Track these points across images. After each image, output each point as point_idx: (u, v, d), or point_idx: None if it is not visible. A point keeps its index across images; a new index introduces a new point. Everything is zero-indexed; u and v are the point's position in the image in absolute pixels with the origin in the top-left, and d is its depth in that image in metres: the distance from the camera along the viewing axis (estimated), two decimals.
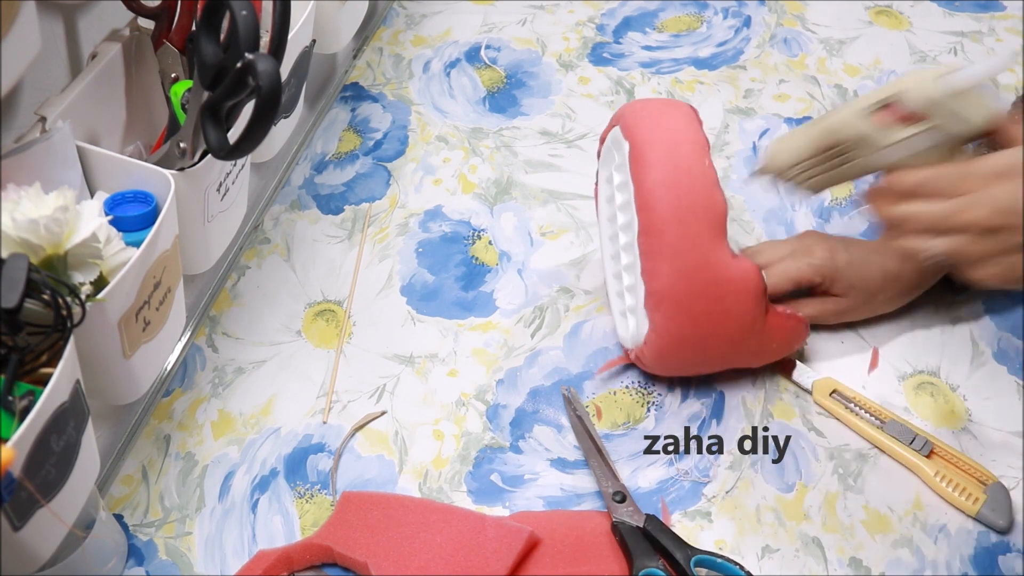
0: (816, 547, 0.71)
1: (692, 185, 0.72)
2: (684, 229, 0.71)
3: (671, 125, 0.75)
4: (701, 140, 0.74)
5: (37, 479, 0.53)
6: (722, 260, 0.72)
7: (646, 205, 0.73)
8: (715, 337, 0.74)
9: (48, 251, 0.57)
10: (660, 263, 0.72)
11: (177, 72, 0.71)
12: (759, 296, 0.73)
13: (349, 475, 0.75)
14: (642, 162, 0.73)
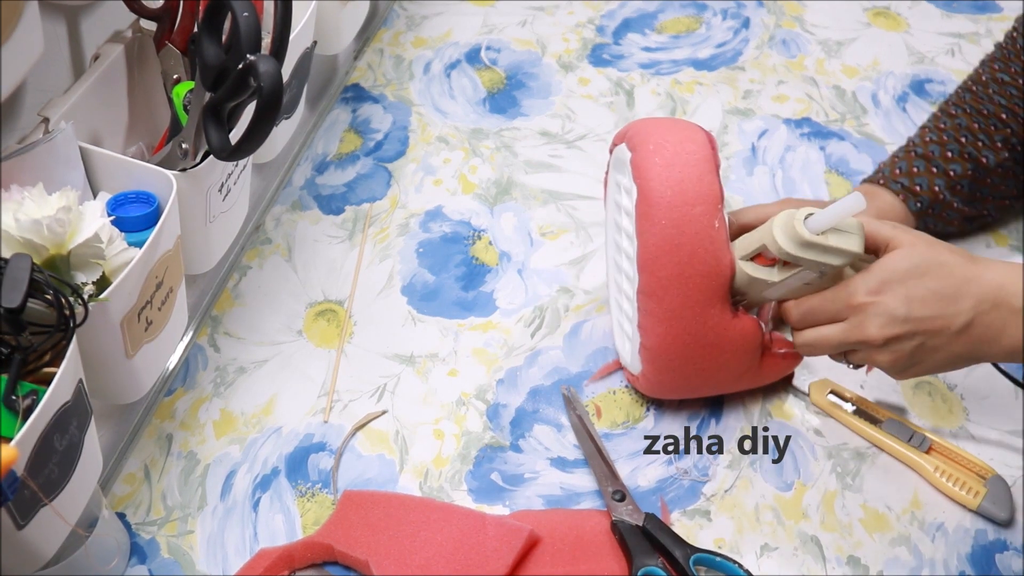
0: (815, 545, 0.71)
1: (696, 250, 0.69)
2: (684, 295, 0.69)
3: (683, 173, 0.69)
4: (714, 193, 0.69)
5: (40, 478, 0.53)
6: (721, 323, 0.71)
7: (646, 267, 0.70)
8: (708, 387, 0.77)
9: (51, 251, 0.57)
10: (656, 324, 0.71)
11: (179, 73, 0.72)
12: (756, 349, 0.74)
13: (350, 474, 0.75)
14: (649, 218, 0.70)
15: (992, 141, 0.85)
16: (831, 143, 1.01)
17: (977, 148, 0.85)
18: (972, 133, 0.86)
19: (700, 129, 0.74)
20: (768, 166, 0.99)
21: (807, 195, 0.96)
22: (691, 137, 0.72)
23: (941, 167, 0.85)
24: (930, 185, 0.85)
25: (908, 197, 0.85)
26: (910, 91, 1.06)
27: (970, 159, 0.85)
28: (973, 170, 0.85)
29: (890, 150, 1.00)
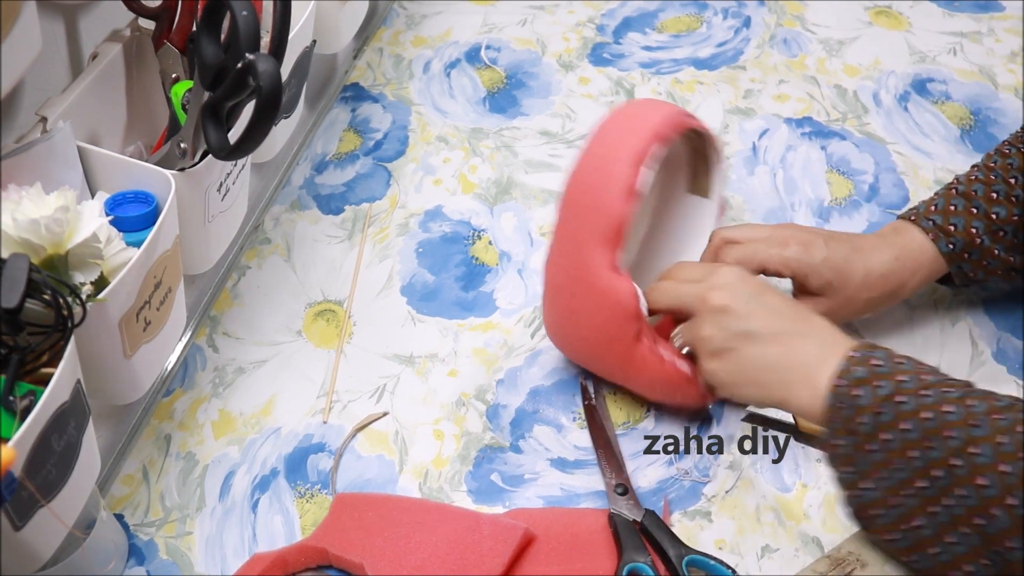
0: (816, 547, 0.71)
1: (597, 186, 0.70)
2: (575, 226, 0.71)
3: (626, 124, 0.72)
4: (640, 147, 0.70)
5: (38, 479, 0.53)
6: (598, 269, 0.70)
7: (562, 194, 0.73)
8: (581, 340, 0.75)
9: (49, 251, 0.57)
10: (551, 250, 0.74)
11: (178, 72, 0.71)
12: (628, 318, 0.71)
13: (349, 475, 0.75)
14: (584, 148, 0.73)
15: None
16: (832, 142, 1.01)
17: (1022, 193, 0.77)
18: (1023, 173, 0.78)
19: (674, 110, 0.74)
20: (769, 166, 0.99)
21: (808, 195, 0.96)
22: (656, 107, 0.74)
23: (982, 208, 0.77)
24: (966, 226, 0.77)
25: (939, 237, 0.77)
26: (912, 90, 1.06)
27: (1018, 202, 0.77)
28: (1020, 215, 0.77)
29: (892, 149, 1.00)
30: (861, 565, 0.65)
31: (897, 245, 0.78)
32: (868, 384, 0.62)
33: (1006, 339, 0.84)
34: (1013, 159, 0.78)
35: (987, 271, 0.79)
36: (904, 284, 0.78)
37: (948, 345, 0.83)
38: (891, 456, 0.60)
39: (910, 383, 0.61)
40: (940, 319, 0.85)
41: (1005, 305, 0.86)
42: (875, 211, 0.94)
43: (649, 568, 0.67)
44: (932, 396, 0.60)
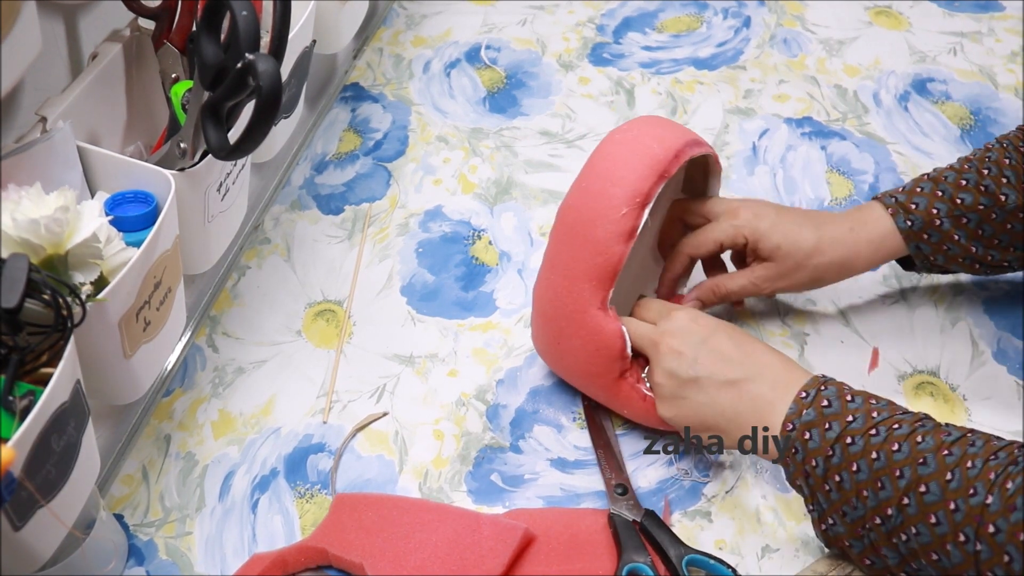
0: (816, 547, 0.71)
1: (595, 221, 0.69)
2: (568, 258, 0.71)
3: (630, 156, 0.70)
4: (644, 187, 0.69)
5: (37, 479, 0.53)
6: (586, 307, 0.70)
7: (558, 219, 0.73)
8: (568, 367, 0.76)
9: (49, 251, 0.57)
10: (542, 274, 0.74)
11: (178, 72, 0.71)
12: (613, 358, 0.72)
13: (349, 475, 0.75)
14: (582, 173, 0.72)
15: (1019, 181, 0.76)
16: (832, 142, 1.01)
17: (998, 183, 0.76)
18: (999, 167, 0.77)
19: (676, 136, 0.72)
20: (769, 166, 0.99)
21: (808, 195, 0.96)
22: (659, 135, 0.72)
23: (948, 192, 0.77)
24: (928, 206, 0.77)
25: (899, 213, 0.77)
26: (912, 90, 1.06)
27: (986, 192, 0.76)
28: (987, 206, 0.76)
29: (892, 149, 1.00)
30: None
31: (853, 217, 0.79)
32: (817, 427, 0.63)
33: (1006, 339, 0.84)
34: (992, 152, 0.78)
35: (947, 256, 0.78)
36: (857, 255, 0.78)
37: (948, 345, 0.83)
38: (846, 495, 0.62)
39: (858, 422, 0.62)
40: (940, 319, 0.85)
41: (1005, 305, 0.86)
42: None
43: (649, 568, 0.67)
44: (879, 435, 0.61)
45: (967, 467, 0.57)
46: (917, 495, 0.58)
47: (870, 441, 0.60)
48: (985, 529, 0.55)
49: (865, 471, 0.60)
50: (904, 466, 0.59)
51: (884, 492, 0.59)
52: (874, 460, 0.60)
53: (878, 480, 0.60)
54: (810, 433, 0.63)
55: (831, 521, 0.63)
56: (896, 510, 0.59)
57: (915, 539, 0.58)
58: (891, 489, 0.59)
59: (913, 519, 0.58)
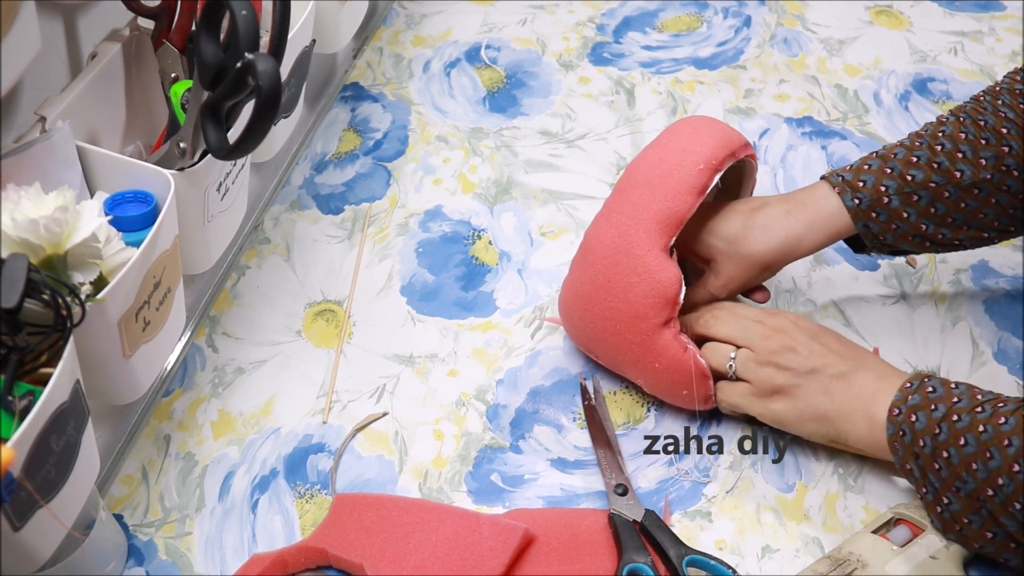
0: (816, 547, 0.71)
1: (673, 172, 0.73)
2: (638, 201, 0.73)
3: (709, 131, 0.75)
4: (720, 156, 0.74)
5: (37, 479, 0.53)
6: (649, 247, 0.72)
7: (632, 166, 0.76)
8: (605, 312, 0.73)
9: (48, 251, 0.57)
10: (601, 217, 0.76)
11: (177, 72, 0.71)
12: (666, 302, 0.72)
13: (349, 475, 0.75)
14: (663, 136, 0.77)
15: (976, 156, 0.73)
16: (833, 142, 1.01)
17: (952, 159, 0.74)
18: (953, 142, 0.74)
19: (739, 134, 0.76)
20: (770, 165, 0.98)
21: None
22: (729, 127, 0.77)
23: (898, 169, 0.75)
24: (876, 184, 0.75)
25: (845, 191, 0.75)
26: (912, 90, 1.06)
27: (939, 169, 0.74)
28: (940, 183, 0.74)
29: None
30: (862, 565, 0.65)
31: (794, 199, 0.77)
32: (923, 409, 0.65)
33: (1007, 339, 0.84)
34: (947, 127, 0.76)
35: (896, 235, 0.76)
36: (797, 238, 0.76)
37: (949, 345, 0.83)
38: (956, 471, 0.63)
39: (963, 402, 0.64)
40: (941, 319, 0.85)
41: (1006, 305, 0.86)
42: None
43: (649, 568, 0.67)
44: (985, 411, 0.63)
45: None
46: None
47: (976, 417, 0.63)
48: None
49: (973, 444, 0.62)
50: (1012, 435, 0.61)
51: (994, 462, 0.61)
52: (981, 433, 0.62)
53: (987, 451, 0.61)
54: (916, 415, 0.65)
55: (946, 500, 0.64)
56: (1007, 478, 0.60)
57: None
58: (1000, 458, 0.61)
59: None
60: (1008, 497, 0.61)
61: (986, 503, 0.62)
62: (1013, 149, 0.73)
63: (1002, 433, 0.61)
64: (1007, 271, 0.89)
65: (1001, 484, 0.61)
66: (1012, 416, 0.62)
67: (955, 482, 0.63)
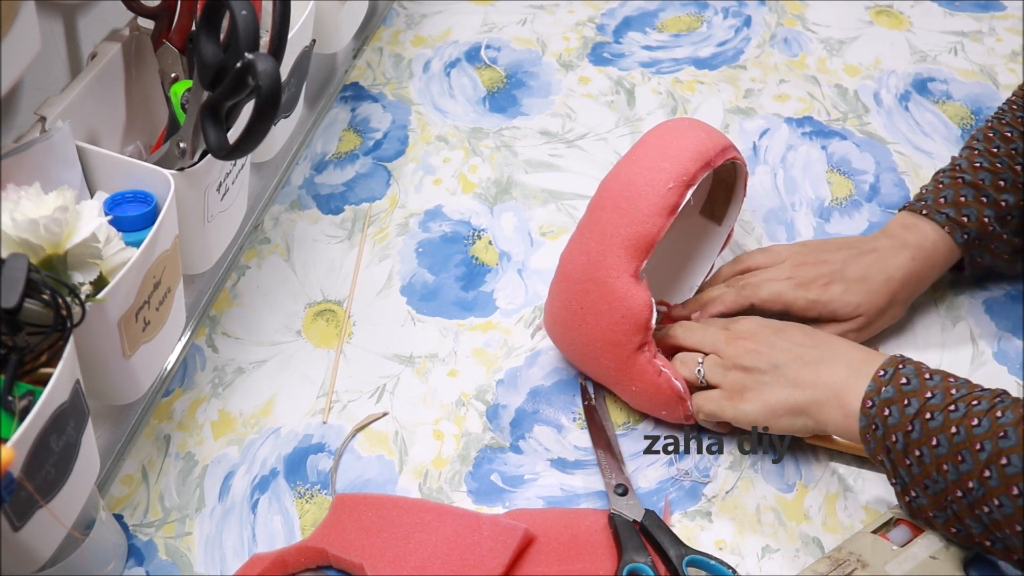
0: (816, 547, 0.71)
1: (641, 193, 0.71)
2: (606, 225, 0.72)
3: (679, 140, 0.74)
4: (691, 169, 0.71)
5: (37, 479, 0.53)
6: (619, 273, 0.71)
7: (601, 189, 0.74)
8: (582, 338, 0.74)
9: (48, 251, 0.57)
10: (573, 241, 0.75)
11: (177, 72, 0.71)
12: (637, 327, 0.72)
13: (349, 475, 0.75)
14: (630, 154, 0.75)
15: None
16: (833, 142, 1.01)
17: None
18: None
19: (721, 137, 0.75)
20: (769, 165, 0.98)
21: (808, 194, 0.95)
22: (708, 131, 0.75)
23: (992, 197, 0.78)
24: (979, 216, 0.78)
25: (954, 229, 0.78)
26: (912, 90, 1.06)
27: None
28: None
29: (893, 149, 1.00)
30: (862, 565, 0.65)
31: (911, 244, 0.79)
32: (896, 403, 0.64)
33: (1007, 339, 0.84)
34: (1016, 143, 0.79)
35: (994, 255, 0.81)
36: (924, 280, 0.80)
37: (949, 345, 0.83)
38: (927, 469, 0.63)
39: (937, 399, 0.63)
40: (941, 319, 0.85)
41: (1006, 305, 0.86)
42: (876, 211, 0.94)
43: (649, 568, 0.67)
44: (959, 411, 0.62)
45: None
46: (998, 467, 0.59)
47: (949, 416, 0.62)
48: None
49: (945, 445, 0.61)
50: (985, 439, 0.60)
51: (965, 465, 0.61)
52: (954, 434, 0.61)
53: (958, 454, 0.61)
54: (889, 409, 0.64)
55: (914, 494, 0.65)
56: (978, 483, 0.60)
57: (998, 511, 0.59)
58: (972, 462, 0.60)
59: (995, 491, 0.59)
60: (976, 500, 0.60)
61: (953, 503, 0.62)
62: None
63: (974, 437, 0.60)
64: (1007, 271, 0.89)
65: (971, 487, 0.61)
66: (985, 417, 0.61)
67: (924, 479, 0.63)
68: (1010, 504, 0.59)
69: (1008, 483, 0.59)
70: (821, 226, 0.93)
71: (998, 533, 0.61)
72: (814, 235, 0.92)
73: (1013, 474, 0.58)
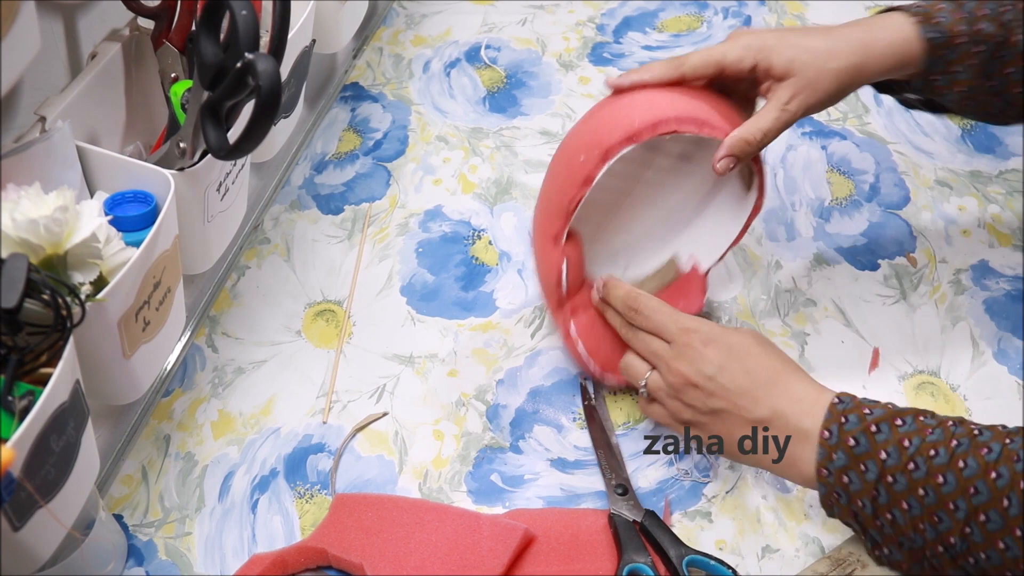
0: (816, 547, 0.71)
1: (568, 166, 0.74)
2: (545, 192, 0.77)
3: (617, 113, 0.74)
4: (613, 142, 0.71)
5: (37, 479, 0.53)
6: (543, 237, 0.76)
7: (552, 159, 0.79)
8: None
9: (48, 251, 0.57)
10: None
11: (177, 72, 0.71)
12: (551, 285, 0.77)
13: (349, 475, 0.75)
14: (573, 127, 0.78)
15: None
16: (833, 142, 1.01)
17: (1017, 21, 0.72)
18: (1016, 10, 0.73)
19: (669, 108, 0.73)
20: (769, 165, 0.98)
21: (808, 194, 0.96)
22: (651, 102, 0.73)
23: (970, 14, 0.73)
24: (952, 23, 0.72)
25: (924, 22, 0.72)
26: None
27: (1003, 27, 0.72)
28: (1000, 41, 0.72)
29: (893, 149, 1.00)
30: (862, 566, 0.65)
31: (867, 23, 0.74)
32: (853, 469, 0.61)
33: (1007, 339, 0.84)
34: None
35: (951, 79, 0.74)
36: (872, 57, 0.73)
37: (949, 345, 0.83)
38: (901, 530, 0.60)
39: (892, 458, 0.60)
40: (941, 319, 0.85)
41: (1006, 305, 0.86)
42: (876, 211, 0.94)
43: (649, 568, 0.67)
44: (920, 469, 0.59)
45: (1020, 487, 0.56)
46: (979, 524, 0.57)
47: (912, 477, 0.59)
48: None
49: (917, 507, 0.59)
50: (956, 498, 0.58)
51: (943, 525, 0.58)
52: (923, 496, 0.59)
53: (933, 515, 0.59)
54: (848, 476, 0.61)
55: (887, 551, 0.62)
56: (959, 539, 0.58)
57: (985, 563, 0.58)
58: (950, 522, 0.58)
59: (980, 546, 0.57)
60: (960, 554, 0.58)
61: (934, 557, 0.60)
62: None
63: (945, 496, 0.58)
64: (1007, 271, 0.89)
65: (953, 543, 0.58)
66: (948, 472, 0.58)
67: (899, 538, 0.61)
68: (997, 556, 0.57)
69: (992, 538, 0.57)
70: (821, 226, 0.93)
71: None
72: (814, 236, 0.92)
73: (995, 530, 0.56)
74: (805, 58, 0.72)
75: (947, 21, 0.73)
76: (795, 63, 0.72)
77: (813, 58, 0.72)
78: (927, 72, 0.74)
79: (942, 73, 0.74)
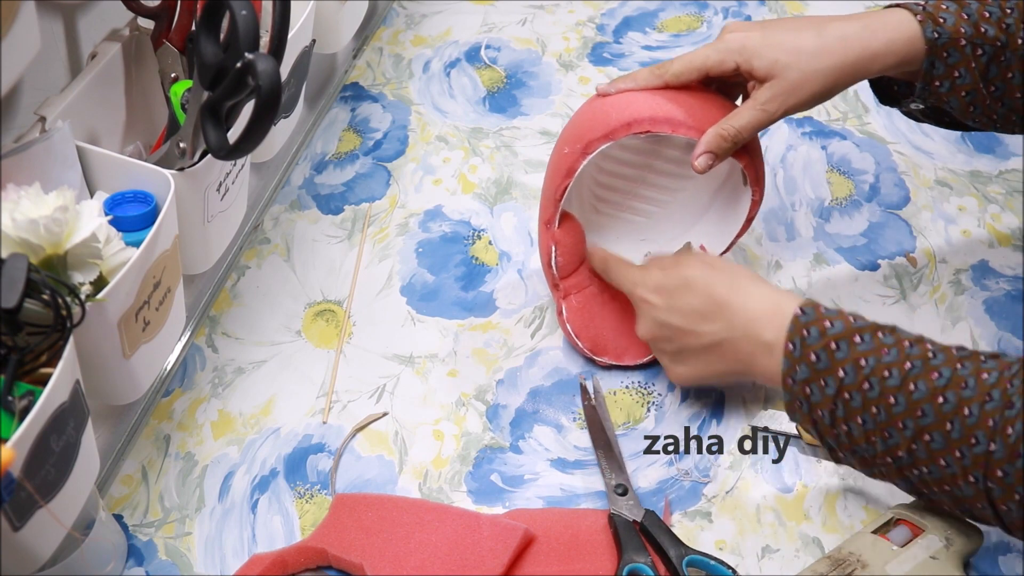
0: (816, 547, 0.71)
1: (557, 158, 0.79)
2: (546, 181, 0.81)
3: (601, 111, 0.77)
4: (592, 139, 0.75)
5: (37, 479, 0.53)
6: (539, 221, 0.81)
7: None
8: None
9: (48, 251, 0.57)
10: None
11: (177, 72, 0.71)
12: (545, 265, 0.82)
13: (349, 475, 0.75)
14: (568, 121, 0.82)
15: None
16: (833, 142, 1.01)
17: (1018, 25, 0.72)
18: (1020, 11, 0.72)
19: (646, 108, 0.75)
20: (769, 165, 0.98)
21: (808, 194, 0.96)
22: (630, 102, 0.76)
23: (973, 17, 0.72)
24: (955, 24, 0.71)
25: (927, 21, 0.71)
26: None
27: (1005, 31, 0.72)
28: (1002, 44, 0.72)
29: (892, 149, 1.00)
30: (862, 566, 0.65)
31: (868, 17, 0.73)
32: (814, 382, 0.65)
33: (1007, 339, 0.84)
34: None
35: (953, 85, 0.73)
36: (872, 55, 0.72)
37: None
38: (855, 440, 0.64)
39: (850, 377, 0.63)
40: (940, 319, 0.85)
41: (1006, 305, 0.86)
42: (876, 211, 0.94)
43: (649, 568, 0.67)
44: (874, 390, 0.63)
45: (964, 415, 0.59)
46: (923, 443, 0.61)
47: (867, 396, 0.63)
48: (994, 473, 0.58)
49: (870, 422, 0.63)
50: (905, 418, 0.61)
51: (892, 440, 0.62)
52: (876, 414, 0.62)
53: (884, 431, 0.62)
54: (810, 388, 0.65)
55: (841, 456, 0.66)
56: (906, 453, 0.62)
57: (927, 475, 0.62)
58: (898, 438, 0.62)
59: (924, 462, 0.62)
60: (905, 466, 0.63)
61: (883, 466, 0.64)
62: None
63: (895, 415, 0.62)
64: (1007, 271, 0.89)
65: (900, 456, 0.62)
66: (899, 393, 0.61)
67: (853, 447, 0.65)
68: (938, 471, 0.61)
69: (934, 456, 0.61)
70: (821, 226, 0.93)
71: (926, 491, 0.63)
72: (814, 236, 0.92)
73: (937, 449, 0.60)
74: (788, 60, 0.72)
75: (951, 22, 0.72)
76: (777, 65, 0.72)
77: (797, 59, 0.72)
78: (927, 73, 0.73)
79: (942, 76, 0.73)
